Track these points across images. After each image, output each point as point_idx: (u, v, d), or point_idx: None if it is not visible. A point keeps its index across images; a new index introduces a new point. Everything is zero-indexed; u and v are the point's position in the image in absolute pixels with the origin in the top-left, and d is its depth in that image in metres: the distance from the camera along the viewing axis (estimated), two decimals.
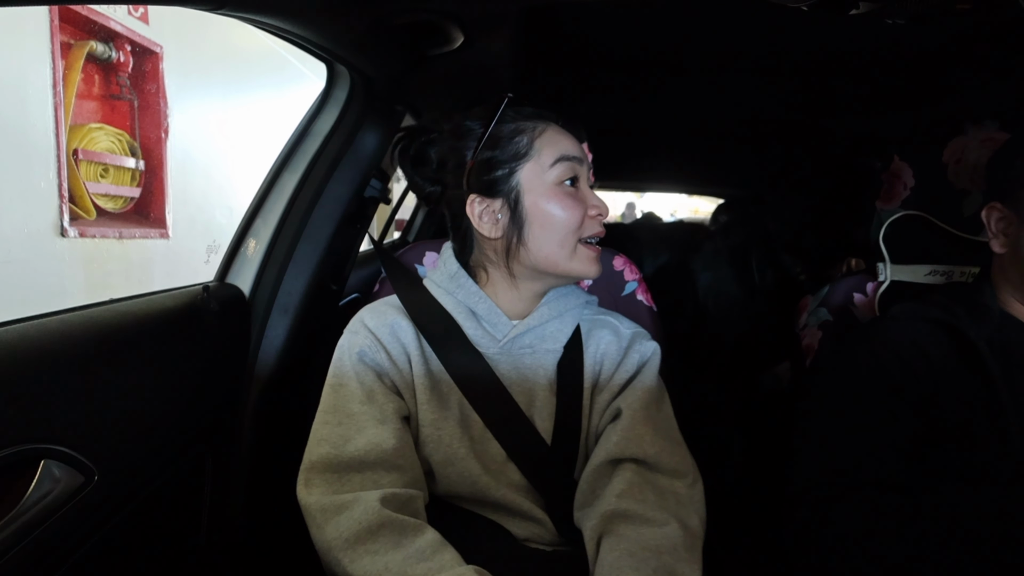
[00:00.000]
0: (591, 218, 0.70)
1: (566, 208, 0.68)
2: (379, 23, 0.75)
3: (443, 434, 0.67)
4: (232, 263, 0.93)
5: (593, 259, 0.70)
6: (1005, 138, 0.81)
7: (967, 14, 0.52)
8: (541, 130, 0.70)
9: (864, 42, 1.00)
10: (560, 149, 0.69)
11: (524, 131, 0.69)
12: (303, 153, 0.95)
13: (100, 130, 2.50)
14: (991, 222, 0.71)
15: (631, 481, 0.63)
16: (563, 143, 0.70)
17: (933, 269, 0.91)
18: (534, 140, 0.69)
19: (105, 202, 2.54)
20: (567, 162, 0.69)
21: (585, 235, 0.70)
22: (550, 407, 0.70)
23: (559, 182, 0.68)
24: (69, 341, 0.59)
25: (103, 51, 2.44)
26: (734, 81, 1.29)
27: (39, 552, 0.53)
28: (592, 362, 0.74)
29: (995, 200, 0.71)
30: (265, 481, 0.92)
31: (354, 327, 0.71)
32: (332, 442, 0.63)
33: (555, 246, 0.69)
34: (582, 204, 0.69)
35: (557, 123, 0.72)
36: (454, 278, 0.73)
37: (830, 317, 0.94)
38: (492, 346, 0.71)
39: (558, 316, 0.73)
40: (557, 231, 0.68)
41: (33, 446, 0.53)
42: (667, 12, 0.94)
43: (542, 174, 0.68)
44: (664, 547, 0.57)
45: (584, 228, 0.69)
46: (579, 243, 0.69)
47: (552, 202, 0.68)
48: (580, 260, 0.70)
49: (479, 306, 0.71)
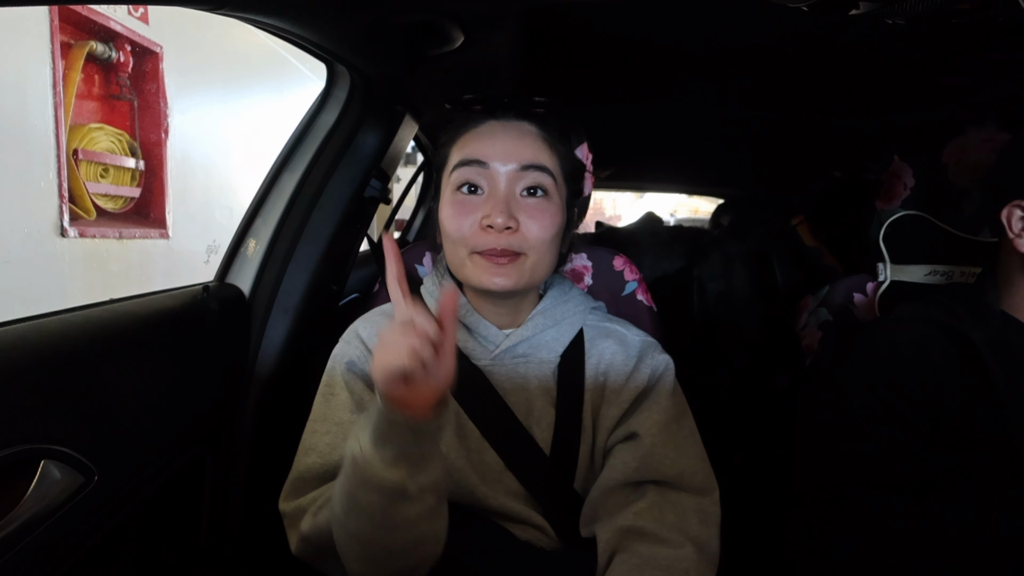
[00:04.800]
0: (483, 229, 0.63)
1: (450, 217, 0.65)
2: (379, 23, 0.75)
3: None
4: (232, 263, 0.93)
5: (486, 269, 0.64)
6: (1005, 138, 0.81)
7: (967, 14, 0.52)
8: (460, 134, 0.68)
9: (864, 42, 1.00)
10: (464, 153, 0.66)
11: (449, 139, 0.69)
12: (303, 153, 0.95)
13: (100, 130, 2.50)
14: (1012, 222, 0.68)
15: (651, 500, 0.62)
16: (470, 147, 0.66)
17: (933, 269, 0.91)
18: (452, 144, 0.69)
19: (105, 202, 2.54)
20: (462, 167, 0.65)
21: (478, 248, 0.64)
22: (548, 417, 0.68)
23: (455, 189, 0.66)
24: (69, 341, 0.59)
25: (103, 51, 2.44)
26: (734, 81, 1.29)
27: (39, 552, 0.53)
28: (594, 372, 0.70)
29: (1019, 199, 0.67)
30: (265, 481, 0.92)
31: (347, 337, 0.70)
32: (320, 451, 0.62)
33: (451, 256, 0.67)
34: (473, 212, 0.64)
35: (501, 119, 0.68)
36: (442, 288, 0.72)
37: (830, 317, 0.94)
38: (485, 356, 0.69)
39: (555, 325, 0.71)
40: (449, 240, 0.66)
41: (33, 446, 0.53)
42: (667, 12, 0.94)
43: (448, 180, 0.67)
44: (676, 569, 0.57)
45: (473, 240, 0.64)
46: (473, 253, 0.65)
47: (444, 209, 0.67)
48: (473, 271, 0.65)
49: (469, 318, 0.70)
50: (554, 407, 0.69)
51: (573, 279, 0.93)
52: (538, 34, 1.01)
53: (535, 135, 0.68)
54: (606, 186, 2.94)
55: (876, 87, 1.25)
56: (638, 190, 4.43)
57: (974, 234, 0.87)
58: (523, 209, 0.64)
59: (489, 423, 0.67)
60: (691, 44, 1.08)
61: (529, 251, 0.64)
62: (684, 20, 0.97)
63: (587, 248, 0.95)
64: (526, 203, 0.65)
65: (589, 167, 0.92)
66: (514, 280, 0.64)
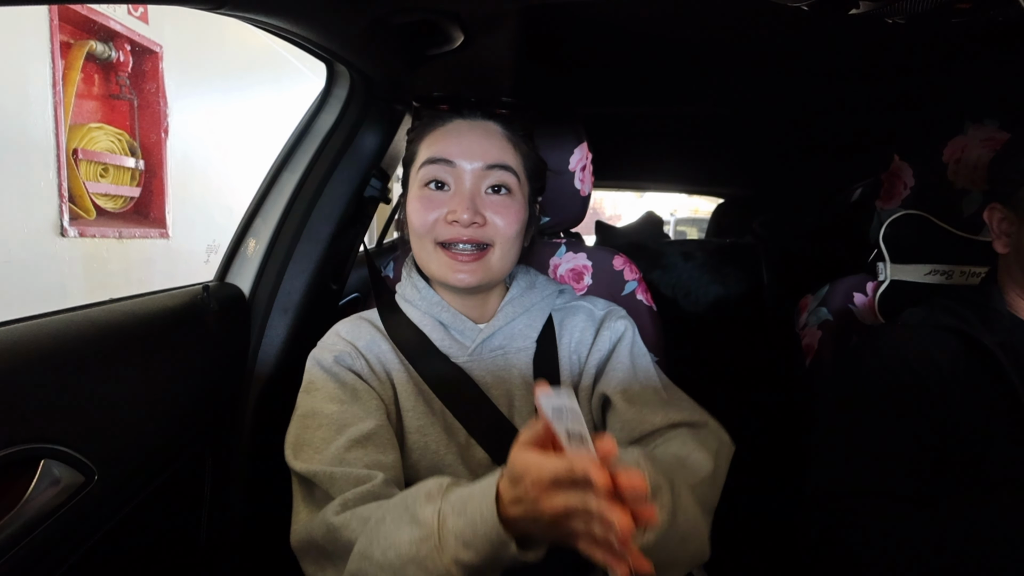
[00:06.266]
0: (448, 223, 0.67)
1: (415, 211, 0.69)
2: (379, 23, 0.75)
3: (429, 440, 0.67)
4: (232, 263, 0.93)
5: (452, 266, 0.67)
6: (1005, 138, 0.81)
7: (967, 14, 0.52)
8: (429, 133, 0.71)
9: (864, 42, 1.00)
10: (429, 151, 0.69)
11: (417, 136, 0.72)
12: (303, 153, 0.95)
13: (100, 130, 2.49)
14: (993, 223, 0.71)
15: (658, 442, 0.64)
16: (438, 145, 0.69)
17: (933, 268, 0.91)
18: (420, 144, 0.71)
19: (105, 202, 2.54)
20: (429, 165, 0.68)
21: (441, 239, 0.68)
22: (529, 406, 0.70)
23: (422, 185, 0.69)
24: (69, 341, 0.59)
25: (103, 51, 2.43)
26: (734, 80, 1.29)
27: (39, 552, 0.53)
28: (567, 352, 0.73)
29: (996, 201, 0.71)
30: (265, 481, 0.92)
31: (329, 340, 0.70)
32: (316, 446, 0.61)
33: (417, 249, 0.71)
34: (438, 207, 0.68)
35: (467, 118, 0.71)
36: (416, 289, 0.73)
37: (830, 317, 0.94)
38: (462, 354, 0.71)
39: (525, 312, 0.73)
40: (414, 233, 0.70)
41: (33, 446, 0.53)
42: (668, 11, 0.94)
43: (413, 177, 0.70)
44: (692, 466, 0.58)
45: (438, 232, 0.67)
46: (440, 247, 0.68)
47: (412, 203, 0.70)
48: (438, 265, 0.68)
49: (443, 315, 0.71)
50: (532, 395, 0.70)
51: (573, 279, 0.93)
52: (538, 34, 1.01)
53: (500, 135, 0.71)
54: (606, 186, 2.94)
55: (876, 87, 1.25)
56: (638, 190, 4.43)
57: (974, 233, 0.87)
58: (488, 206, 0.68)
59: (473, 420, 0.68)
60: (691, 44, 1.08)
61: (495, 242, 0.68)
62: (684, 20, 0.97)
63: (587, 248, 0.95)
64: (491, 200, 0.68)
65: (589, 167, 0.92)
66: (479, 277, 0.67)
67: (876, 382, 0.69)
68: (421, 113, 0.77)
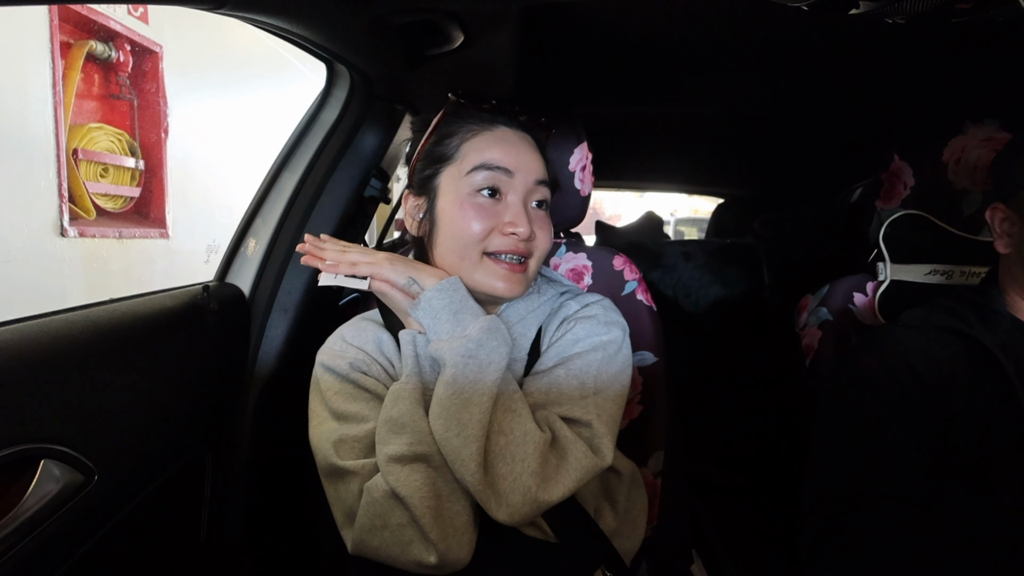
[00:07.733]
0: (504, 235, 0.65)
1: (468, 218, 0.65)
2: (379, 23, 0.75)
3: None
4: (232, 263, 0.93)
5: (501, 275, 0.65)
6: (1005, 138, 0.81)
7: (967, 14, 0.52)
8: (474, 134, 0.68)
9: (864, 42, 1.00)
10: (484, 156, 0.66)
11: (457, 133, 0.68)
12: (303, 153, 0.95)
13: (100, 130, 2.50)
14: (995, 223, 0.71)
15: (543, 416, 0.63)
16: (492, 151, 0.66)
17: (933, 268, 0.91)
18: (463, 143, 0.67)
19: (105, 202, 2.54)
20: (486, 171, 0.65)
21: (491, 249, 0.66)
22: None
23: (474, 191, 0.65)
24: (69, 341, 0.59)
25: (103, 51, 2.43)
26: (734, 80, 1.29)
27: (39, 552, 0.53)
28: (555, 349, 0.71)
29: (998, 201, 0.71)
30: (265, 481, 0.92)
31: (338, 347, 0.69)
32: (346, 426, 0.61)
33: (455, 256, 0.66)
34: (493, 218, 0.65)
35: (510, 127, 0.69)
36: None
37: (830, 317, 0.94)
38: None
39: (519, 321, 0.72)
40: (458, 240, 0.65)
41: (33, 446, 0.53)
42: (667, 11, 0.94)
43: (459, 179, 0.66)
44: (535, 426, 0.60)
45: (490, 242, 0.65)
46: (486, 256, 0.66)
47: (459, 209, 0.65)
48: (484, 274, 0.66)
49: None
50: None
51: (574, 279, 0.93)
52: (538, 34, 1.01)
53: (536, 147, 0.71)
54: (606, 186, 2.94)
55: (876, 87, 1.25)
56: (638, 190, 4.43)
57: (974, 233, 0.87)
58: (534, 219, 0.68)
59: None
60: (691, 44, 1.08)
61: (535, 255, 0.68)
62: (684, 20, 0.97)
63: (587, 248, 0.95)
64: (536, 214, 0.69)
65: (589, 167, 0.92)
66: (524, 287, 0.68)
67: (876, 382, 0.69)
68: (451, 109, 0.71)
